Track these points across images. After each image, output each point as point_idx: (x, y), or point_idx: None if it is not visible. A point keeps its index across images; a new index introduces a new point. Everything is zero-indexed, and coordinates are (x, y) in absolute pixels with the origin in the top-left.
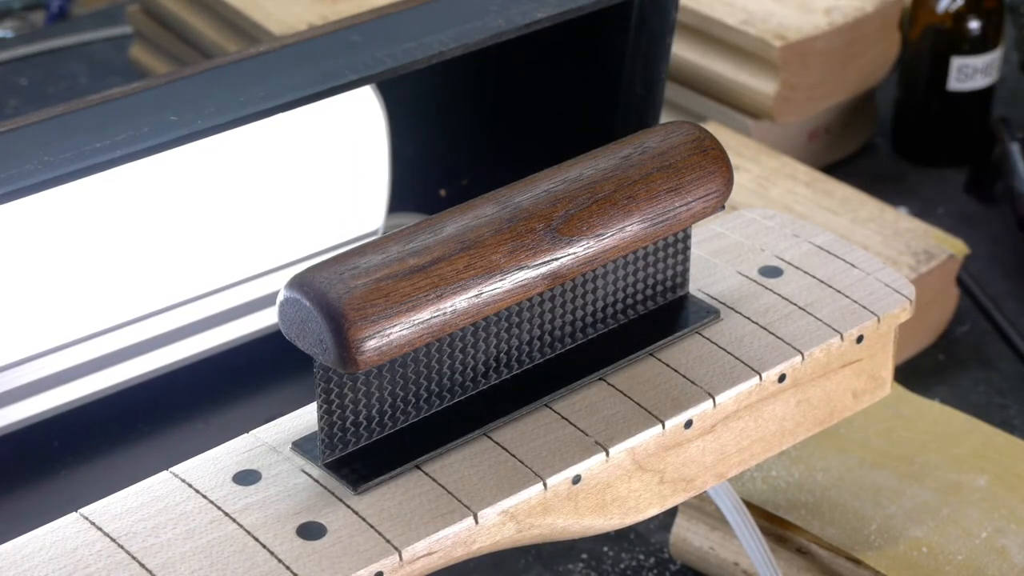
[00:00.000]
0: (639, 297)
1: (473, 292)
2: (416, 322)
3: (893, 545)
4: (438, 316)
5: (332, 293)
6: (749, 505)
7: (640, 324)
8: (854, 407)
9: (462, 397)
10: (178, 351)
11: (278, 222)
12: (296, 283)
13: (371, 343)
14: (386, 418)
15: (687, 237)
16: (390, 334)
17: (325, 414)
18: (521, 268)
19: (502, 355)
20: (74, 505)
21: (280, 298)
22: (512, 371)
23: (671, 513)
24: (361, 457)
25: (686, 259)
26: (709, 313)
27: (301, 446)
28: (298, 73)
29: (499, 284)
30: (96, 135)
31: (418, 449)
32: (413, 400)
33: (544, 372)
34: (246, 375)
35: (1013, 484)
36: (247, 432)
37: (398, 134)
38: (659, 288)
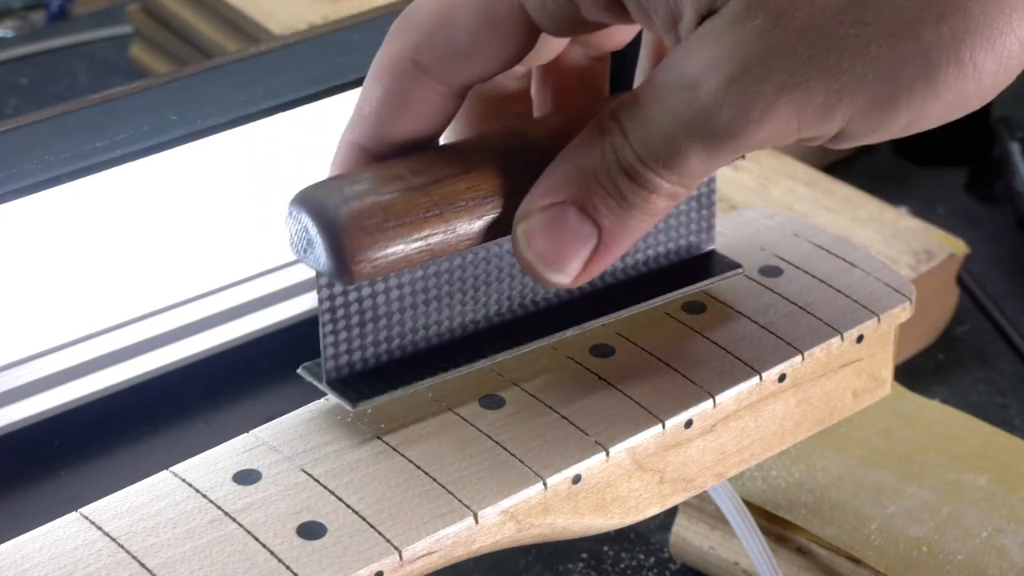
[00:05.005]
0: (660, 249)
1: (475, 214)
2: (414, 238)
3: (893, 545)
4: (437, 234)
5: (330, 203)
6: (749, 505)
7: (661, 274)
8: (854, 407)
9: (472, 331)
10: (178, 351)
11: (279, 222)
12: (298, 198)
13: (367, 254)
14: (393, 344)
15: (711, 193)
16: (386, 247)
17: (330, 333)
18: (523, 193)
19: (514, 292)
20: (74, 505)
21: (287, 212)
22: (526, 310)
23: (671, 513)
24: (364, 378)
25: (711, 214)
26: (732, 267)
27: (309, 369)
28: (298, 73)
29: (499, 207)
30: (96, 135)
31: (422, 373)
32: (422, 330)
33: (558, 312)
34: (246, 375)
35: (1013, 484)
36: (247, 432)
37: None
38: (682, 242)
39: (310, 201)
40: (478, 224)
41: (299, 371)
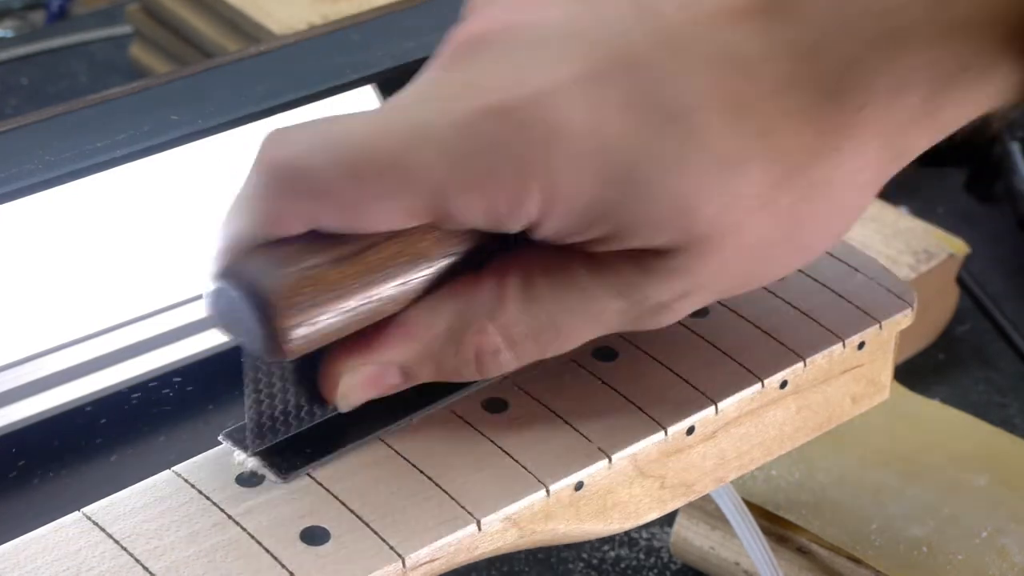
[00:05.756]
0: None
1: (400, 280)
2: (344, 310)
3: (893, 544)
4: (365, 304)
5: (261, 282)
6: (750, 505)
7: None
8: (853, 412)
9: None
10: (178, 351)
11: None
12: (226, 273)
13: (299, 331)
14: (315, 408)
15: None
16: (317, 322)
17: (254, 403)
18: (449, 256)
19: None
20: (75, 505)
21: (210, 287)
22: None
23: (672, 512)
24: (290, 446)
25: None
26: None
27: (232, 436)
28: (298, 73)
29: (426, 271)
30: (96, 135)
31: (347, 437)
32: None
33: None
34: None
35: (1013, 484)
36: None
37: None
38: None
39: (240, 276)
40: (406, 288)
41: (220, 438)
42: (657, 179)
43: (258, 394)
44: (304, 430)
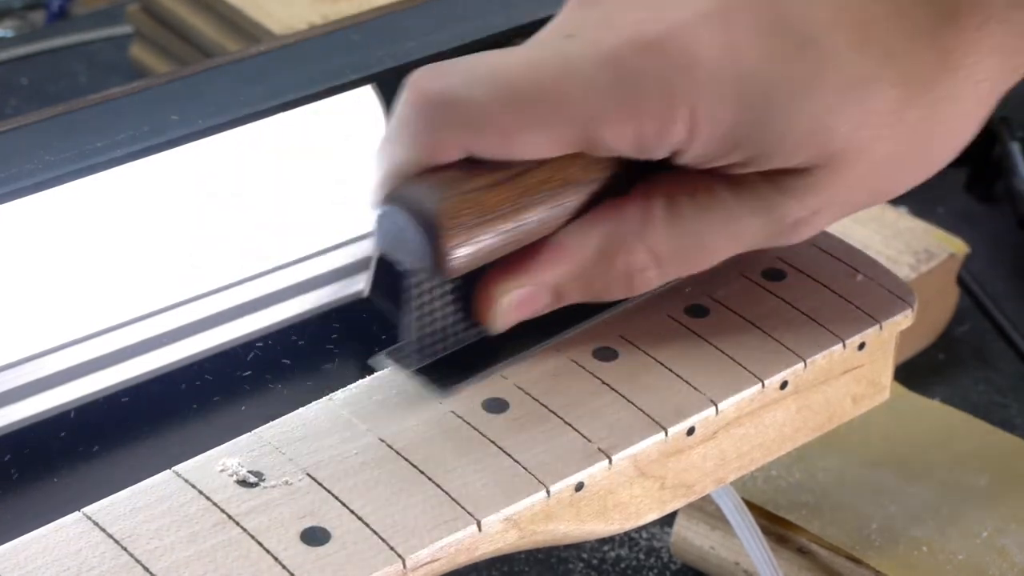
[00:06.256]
0: None
1: (552, 203)
2: (501, 230)
3: (893, 544)
4: (521, 225)
5: (426, 205)
6: (750, 505)
7: None
8: (853, 412)
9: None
10: (178, 351)
11: (277, 222)
12: (392, 198)
13: (461, 251)
14: (471, 328)
15: None
16: (477, 242)
17: (416, 322)
18: (597, 181)
19: None
20: (75, 505)
21: (378, 212)
22: None
23: (672, 512)
24: (448, 363)
25: None
26: None
27: (394, 355)
28: (298, 72)
29: (576, 195)
30: (96, 135)
31: (500, 355)
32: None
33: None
34: (246, 375)
35: (1013, 484)
36: (248, 432)
37: None
38: None
39: (406, 200)
40: (557, 211)
41: (384, 357)
42: (792, 101)
43: (420, 313)
44: (459, 349)
